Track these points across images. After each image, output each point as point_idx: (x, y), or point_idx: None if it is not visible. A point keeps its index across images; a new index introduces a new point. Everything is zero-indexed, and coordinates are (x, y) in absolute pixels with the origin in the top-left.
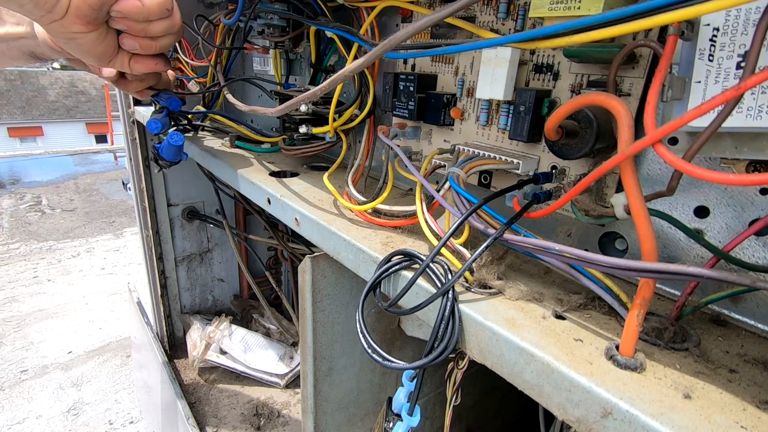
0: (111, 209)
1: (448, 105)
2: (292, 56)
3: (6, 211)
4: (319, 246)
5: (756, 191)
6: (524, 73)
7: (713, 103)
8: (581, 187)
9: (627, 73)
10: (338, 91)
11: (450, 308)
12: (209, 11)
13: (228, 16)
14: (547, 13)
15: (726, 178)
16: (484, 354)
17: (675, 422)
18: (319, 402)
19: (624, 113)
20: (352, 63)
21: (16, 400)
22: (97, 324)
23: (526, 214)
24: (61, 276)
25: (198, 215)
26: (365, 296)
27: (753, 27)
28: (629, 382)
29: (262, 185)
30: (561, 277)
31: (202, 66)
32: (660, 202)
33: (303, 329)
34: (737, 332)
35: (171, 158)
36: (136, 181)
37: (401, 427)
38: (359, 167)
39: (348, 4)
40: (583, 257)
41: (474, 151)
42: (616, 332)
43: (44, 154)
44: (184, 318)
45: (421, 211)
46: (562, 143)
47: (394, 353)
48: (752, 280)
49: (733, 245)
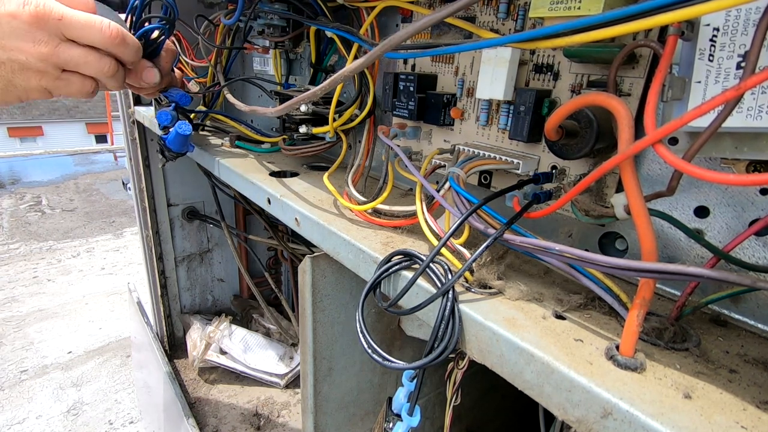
0: (111, 209)
1: (448, 105)
2: (292, 56)
3: (6, 211)
4: (319, 246)
5: (756, 191)
6: (524, 73)
7: (713, 103)
8: (581, 187)
9: (627, 73)
10: (338, 91)
11: (450, 308)
12: (209, 11)
13: (228, 16)
14: (547, 13)
15: (726, 178)
16: (484, 354)
17: (675, 422)
18: (319, 402)
19: (624, 113)
20: (352, 63)
21: (16, 400)
22: (97, 324)
23: (526, 214)
24: (61, 276)
25: (198, 215)
26: (365, 296)
27: (753, 27)
28: (629, 382)
29: (262, 185)
30: (561, 277)
31: (202, 66)
32: (660, 202)
33: (303, 329)
34: (737, 332)
35: (178, 149)
36: (136, 181)
37: (401, 427)
38: (359, 167)
39: (348, 4)
40: (583, 257)
41: (474, 151)
42: (616, 332)
43: (44, 154)
44: (184, 318)
45: (421, 211)
46: (562, 143)
47: (394, 353)
48: (752, 280)
49: (733, 245)
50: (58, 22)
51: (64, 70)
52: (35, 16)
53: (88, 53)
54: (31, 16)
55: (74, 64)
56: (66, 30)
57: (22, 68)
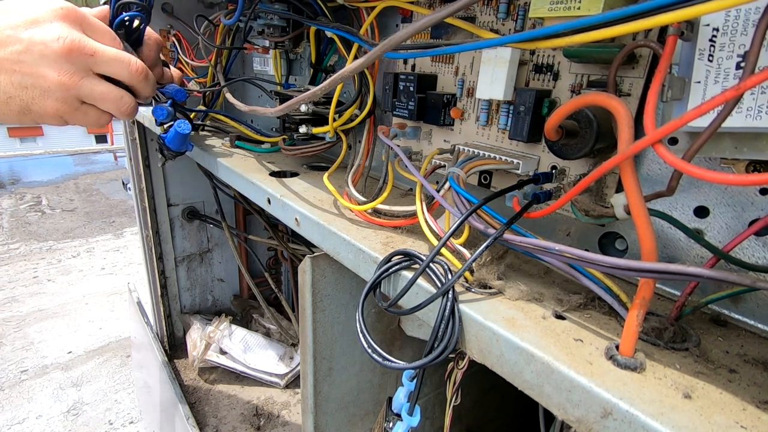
0: (111, 209)
1: (448, 105)
2: (292, 56)
3: (6, 211)
4: (319, 246)
5: (756, 191)
6: (524, 73)
7: (713, 103)
8: (581, 187)
9: (627, 73)
10: (338, 91)
11: (450, 308)
12: (209, 11)
13: (228, 16)
14: (547, 13)
15: (726, 178)
16: (484, 354)
17: (675, 422)
18: (319, 402)
19: (624, 113)
20: (352, 63)
21: (16, 400)
22: (97, 324)
23: (526, 214)
24: (61, 276)
25: (198, 215)
26: (365, 296)
27: (753, 27)
28: (629, 382)
29: (262, 185)
30: (561, 277)
31: (202, 66)
32: (660, 202)
33: (303, 329)
34: (737, 332)
35: (177, 148)
36: (136, 181)
37: (401, 427)
38: (359, 167)
39: (348, 4)
40: (583, 257)
41: (474, 151)
42: (616, 332)
43: (44, 154)
44: (184, 318)
45: (421, 211)
46: (562, 143)
47: (394, 353)
48: (752, 280)
49: (733, 245)
50: (90, 57)
51: (83, 102)
52: (68, 49)
53: (110, 90)
54: (64, 48)
55: (93, 99)
56: (95, 65)
57: (43, 95)
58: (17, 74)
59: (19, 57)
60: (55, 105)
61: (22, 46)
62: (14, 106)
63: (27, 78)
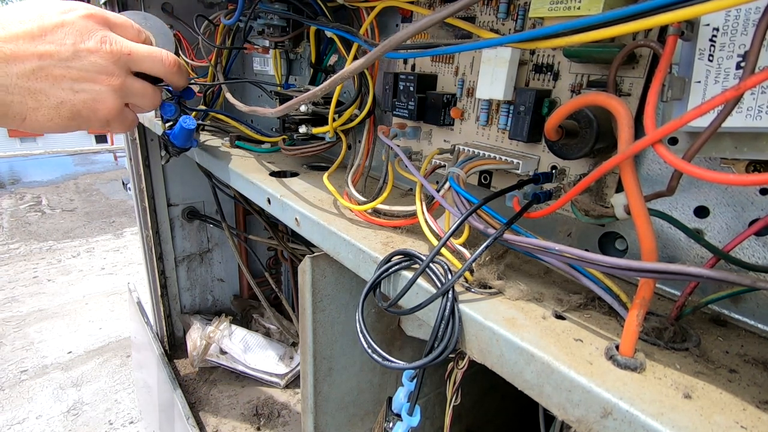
0: (111, 209)
1: (448, 105)
2: (292, 56)
3: (6, 211)
4: (319, 246)
5: (756, 191)
6: (524, 73)
7: (713, 103)
8: (581, 187)
9: (627, 73)
10: (338, 91)
11: (450, 308)
12: (209, 11)
13: (228, 16)
14: (547, 13)
15: (726, 178)
16: (484, 354)
17: (675, 422)
18: (319, 402)
19: (624, 113)
20: (352, 63)
21: (16, 400)
22: (97, 324)
23: (526, 214)
24: (61, 276)
25: (198, 215)
26: (365, 296)
27: (753, 27)
28: (629, 382)
29: (262, 185)
30: (561, 277)
31: (202, 66)
32: (660, 202)
33: (303, 329)
34: (737, 332)
35: (182, 144)
36: (136, 181)
37: (401, 427)
38: (359, 167)
39: (348, 4)
40: (583, 257)
41: (474, 151)
42: (616, 332)
43: (44, 154)
44: (184, 318)
45: (421, 211)
46: (562, 143)
47: (394, 353)
48: (752, 280)
49: (733, 245)
50: (128, 57)
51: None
52: (112, 53)
53: (146, 87)
54: (108, 52)
55: (134, 97)
56: (133, 64)
57: (95, 99)
58: (67, 80)
59: (68, 63)
60: (106, 108)
61: (69, 52)
62: (65, 111)
63: (77, 84)
